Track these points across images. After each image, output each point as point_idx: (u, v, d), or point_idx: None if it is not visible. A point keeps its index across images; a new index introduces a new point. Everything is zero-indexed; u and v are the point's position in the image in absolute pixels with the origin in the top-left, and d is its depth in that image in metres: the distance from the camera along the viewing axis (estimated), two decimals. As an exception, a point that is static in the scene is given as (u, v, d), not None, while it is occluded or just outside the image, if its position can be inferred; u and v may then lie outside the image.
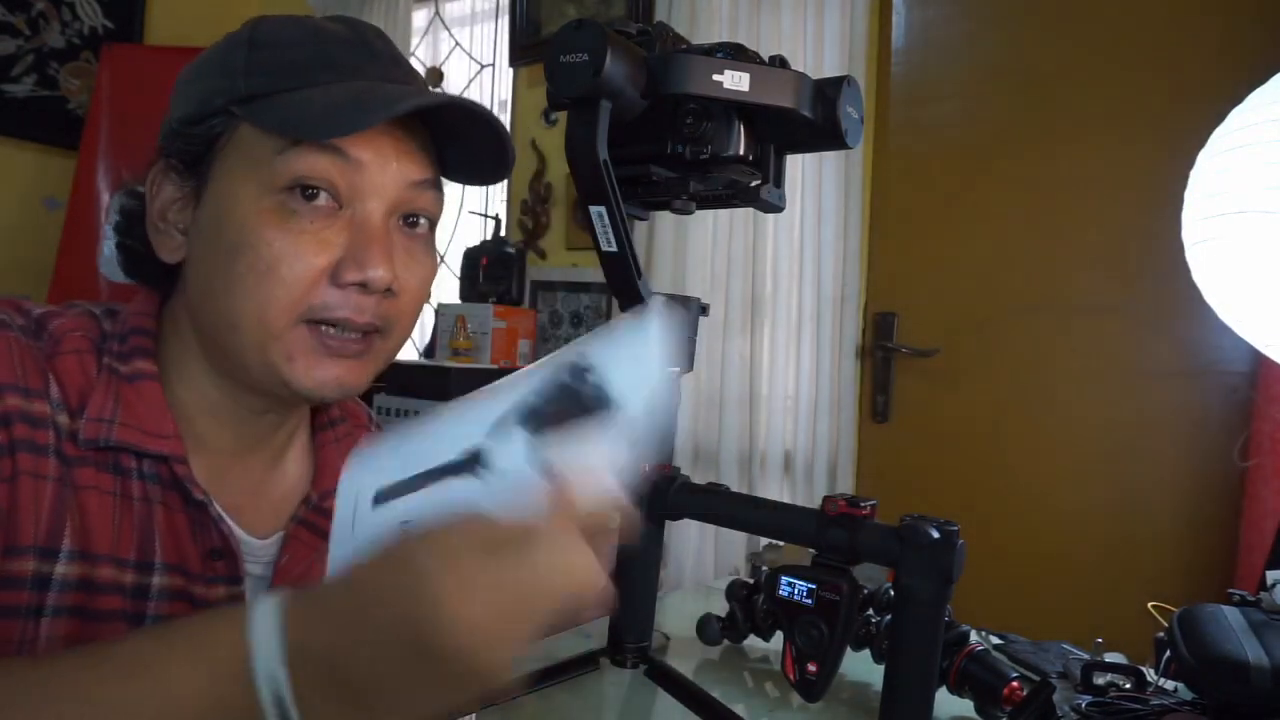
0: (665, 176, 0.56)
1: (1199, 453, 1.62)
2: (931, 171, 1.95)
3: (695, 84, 0.50)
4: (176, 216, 0.63)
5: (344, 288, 0.58)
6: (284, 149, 0.57)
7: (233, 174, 0.59)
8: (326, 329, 0.59)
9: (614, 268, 0.53)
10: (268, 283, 0.57)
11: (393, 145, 0.60)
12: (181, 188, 0.62)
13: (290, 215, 0.57)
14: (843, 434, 1.97)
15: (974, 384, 1.88)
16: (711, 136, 0.53)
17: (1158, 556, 1.65)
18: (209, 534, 0.62)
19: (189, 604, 0.61)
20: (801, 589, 0.49)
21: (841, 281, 1.96)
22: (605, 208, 0.51)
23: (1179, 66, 1.65)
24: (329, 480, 0.69)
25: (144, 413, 0.61)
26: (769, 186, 0.56)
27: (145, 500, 0.61)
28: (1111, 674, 0.64)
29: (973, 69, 1.91)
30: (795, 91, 0.52)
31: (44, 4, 2.70)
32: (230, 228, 0.58)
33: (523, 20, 2.57)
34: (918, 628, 0.44)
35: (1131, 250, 1.69)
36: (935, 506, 2.00)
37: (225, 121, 0.60)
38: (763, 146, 0.55)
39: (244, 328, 0.58)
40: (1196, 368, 1.64)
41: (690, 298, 0.55)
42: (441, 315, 2.43)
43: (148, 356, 0.63)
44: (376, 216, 0.60)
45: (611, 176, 0.50)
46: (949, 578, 0.44)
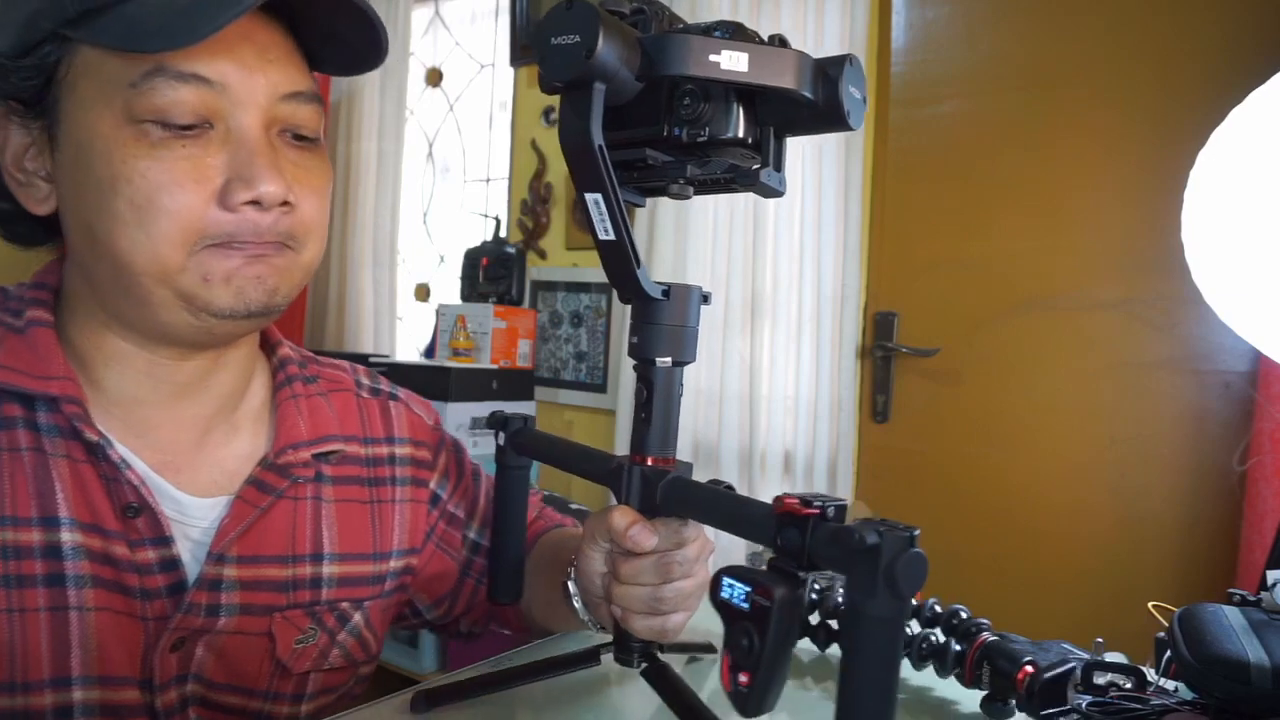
0: (662, 160, 0.54)
1: (1199, 452, 1.62)
2: (931, 171, 1.96)
3: (692, 65, 0.48)
4: (35, 164, 0.58)
5: (236, 210, 0.54)
6: (139, 80, 0.52)
7: (86, 105, 0.54)
8: (233, 243, 0.55)
9: (612, 256, 0.52)
10: (152, 215, 0.53)
11: (255, 53, 0.55)
12: (29, 130, 0.57)
13: (159, 141, 0.53)
14: (843, 434, 1.97)
15: (974, 384, 1.88)
16: (709, 119, 0.51)
17: (1158, 556, 1.65)
18: (120, 488, 0.57)
19: (112, 567, 0.57)
20: (739, 591, 0.45)
21: (841, 281, 1.96)
22: (601, 194, 0.49)
23: (1179, 66, 1.65)
24: (285, 438, 0.66)
25: (29, 356, 0.57)
26: (769, 170, 0.54)
27: (39, 451, 0.56)
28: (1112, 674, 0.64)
29: (973, 69, 1.91)
30: (796, 72, 0.50)
31: (44, 4, 2.69)
32: (98, 164, 0.53)
33: (523, 20, 2.57)
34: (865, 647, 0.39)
35: (1132, 250, 1.69)
36: (935, 506, 2.01)
37: (59, 48, 0.54)
38: (762, 129, 0.53)
39: (140, 266, 0.54)
40: (1197, 367, 1.64)
41: (691, 286, 0.54)
42: (441, 315, 2.43)
43: (42, 306, 0.60)
44: (254, 129, 0.55)
45: (607, 162, 0.48)
46: (897, 591, 0.38)
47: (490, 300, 2.40)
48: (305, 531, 0.67)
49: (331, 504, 0.69)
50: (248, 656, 0.63)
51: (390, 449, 0.75)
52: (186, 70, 0.53)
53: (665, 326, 0.53)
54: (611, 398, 2.34)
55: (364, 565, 0.70)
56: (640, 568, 0.56)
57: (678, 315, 0.54)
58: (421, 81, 2.96)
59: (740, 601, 0.44)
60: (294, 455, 0.66)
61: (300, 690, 0.67)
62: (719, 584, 0.45)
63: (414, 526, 0.75)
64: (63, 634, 0.56)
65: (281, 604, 0.64)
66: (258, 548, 0.64)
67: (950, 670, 0.67)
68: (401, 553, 0.74)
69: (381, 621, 0.73)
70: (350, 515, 0.70)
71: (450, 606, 0.80)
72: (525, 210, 2.59)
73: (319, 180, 0.60)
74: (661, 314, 0.53)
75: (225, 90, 0.54)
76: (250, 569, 0.63)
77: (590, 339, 2.43)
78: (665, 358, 0.54)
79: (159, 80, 0.52)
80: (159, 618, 0.59)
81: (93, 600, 0.57)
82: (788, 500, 0.45)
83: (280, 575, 0.65)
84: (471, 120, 2.89)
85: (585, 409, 2.42)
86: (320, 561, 0.67)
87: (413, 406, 0.80)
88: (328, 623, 0.68)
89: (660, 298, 0.53)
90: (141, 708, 0.58)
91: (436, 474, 0.78)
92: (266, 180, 0.54)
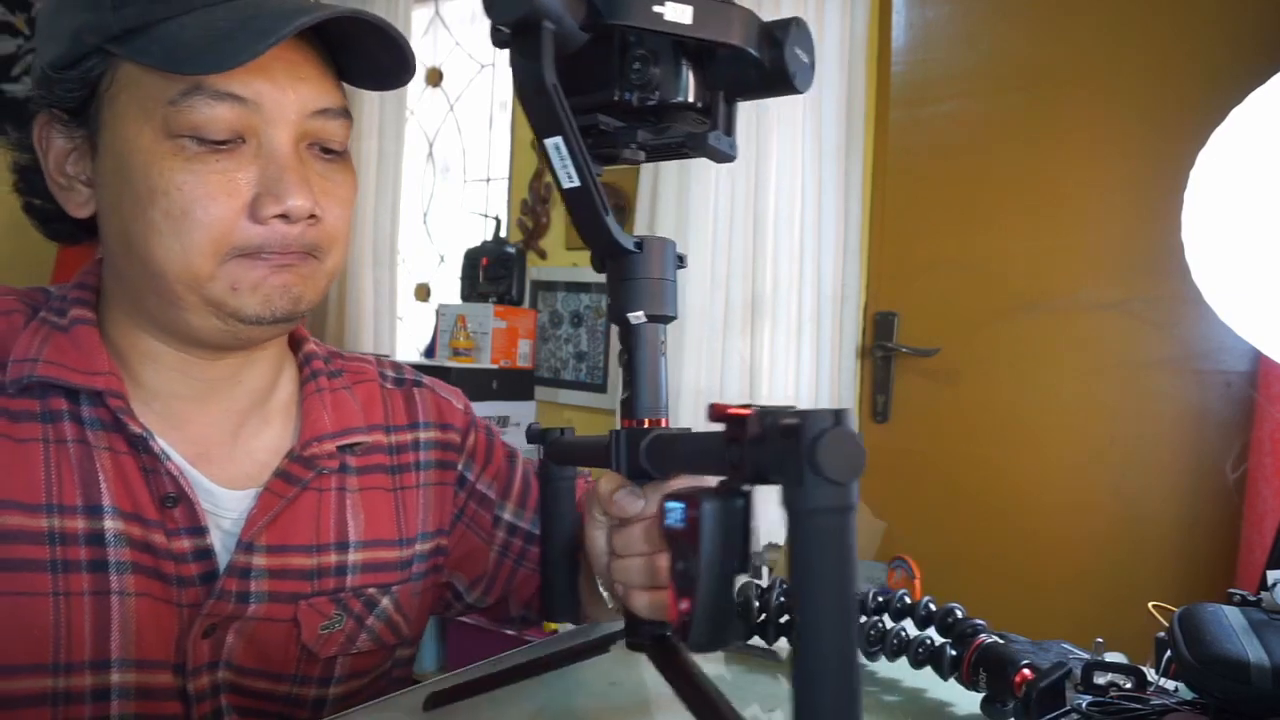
0: (614, 126, 0.53)
1: (1199, 452, 1.62)
2: (931, 171, 1.96)
3: (635, 14, 0.47)
4: (75, 169, 0.60)
5: (266, 222, 0.57)
6: (178, 98, 0.55)
7: (126, 118, 0.57)
8: (260, 253, 0.58)
9: (578, 204, 0.49)
10: (186, 226, 0.55)
11: (287, 71, 0.58)
12: (71, 138, 0.60)
13: (195, 155, 0.56)
14: (843, 434, 1.96)
15: (974, 384, 1.88)
16: (659, 82, 0.50)
17: (1158, 556, 1.65)
18: (159, 479, 0.60)
19: (150, 554, 0.60)
20: (678, 512, 0.41)
21: (841, 281, 1.96)
22: (561, 137, 0.47)
23: (1179, 66, 1.65)
24: (310, 430, 0.68)
25: (74, 353, 0.60)
26: (718, 133, 0.53)
27: (83, 443, 0.59)
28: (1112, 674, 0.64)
29: (973, 69, 1.91)
30: (742, 28, 0.49)
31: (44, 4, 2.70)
32: (136, 175, 0.56)
33: (523, 20, 2.57)
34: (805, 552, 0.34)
35: (1132, 250, 1.69)
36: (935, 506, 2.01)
37: (103, 62, 0.57)
38: (712, 93, 0.53)
39: (172, 274, 0.57)
40: (1197, 367, 1.64)
41: (666, 239, 0.53)
42: (441, 315, 2.43)
43: (84, 305, 0.62)
44: (284, 145, 0.58)
45: (564, 102, 0.47)
46: (823, 474, 0.33)
47: (490, 300, 2.40)
48: (330, 521, 0.69)
49: (356, 493, 0.71)
50: (275, 642, 0.65)
51: (414, 435, 0.77)
52: (223, 90, 0.55)
53: (640, 280, 0.52)
54: (611, 398, 2.34)
55: (389, 551, 0.72)
56: (632, 537, 0.54)
57: (653, 268, 0.52)
58: (421, 81, 2.95)
59: (678, 522, 0.42)
60: (318, 448, 0.68)
61: (328, 674, 0.69)
62: (665, 509, 0.43)
63: (440, 509, 0.77)
64: (104, 617, 0.58)
65: (307, 591, 0.66)
66: (285, 537, 0.66)
67: (949, 673, 0.67)
68: (428, 535, 0.75)
69: (415, 605, 0.75)
70: (375, 503, 0.72)
71: (488, 588, 0.81)
72: (525, 210, 2.59)
73: (344, 192, 0.63)
74: (636, 267, 0.51)
75: (259, 108, 0.57)
76: (278, 557, 0.65)
77: (590, 339, 2.43)
78: (640, 312, 0.52)
79: (196, 99, 0.55)
80: (192, 604, 0.61)
81: (133, 586, 0.59)
82: (719, 405, 0.42)
83: (306, 564, 0.67)
84: (471, 120, 2.89)
85: (585, 409, 2.42)
86: (345, 550, 0.69)
87: (438, 391, 0.81)
88: (354, 608, 0.69)
89: (633, 249, 0.51)
90: (174, 691, 0.61)
91: (464, 456, 0.80)
92: (295, 195, 0.57)
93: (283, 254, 0.58)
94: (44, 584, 0.57)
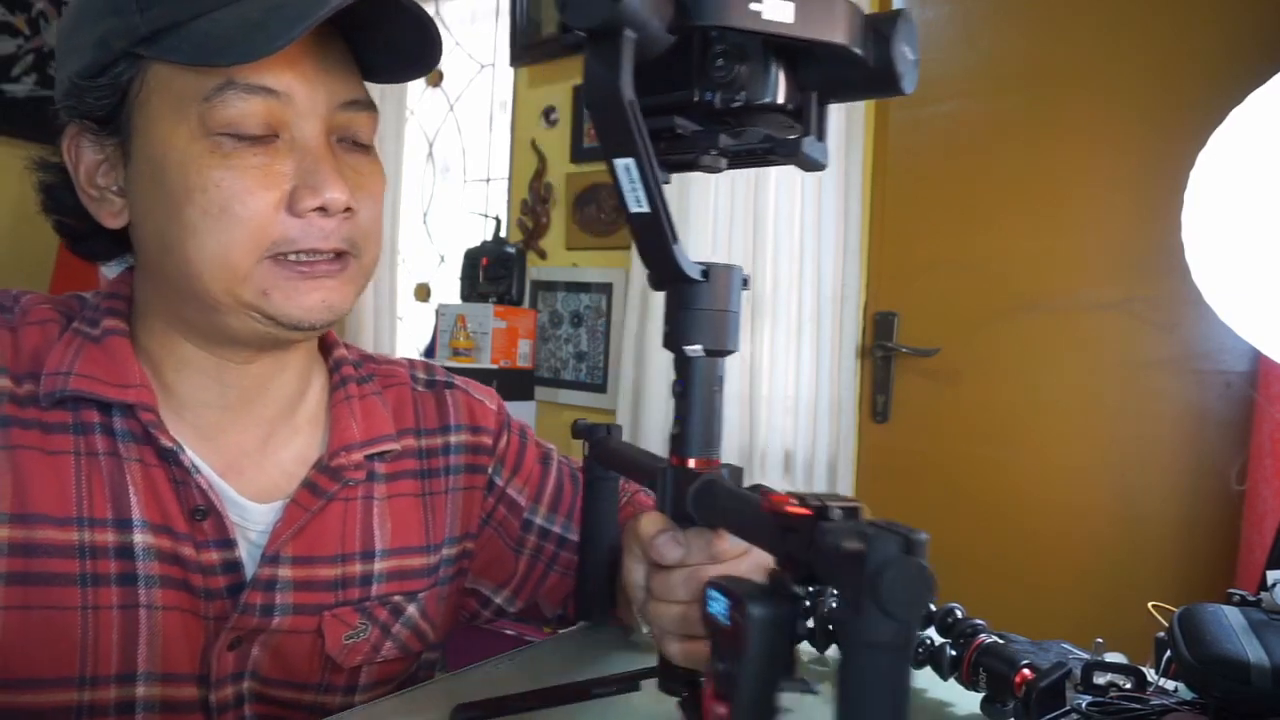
0: (691, 129, 0.48)
1: (1199, 453, 1.62)
2: (932, 171, 1.95)
3: (731, 14, 0.42)
4: (107, 179, 0.60)
5: (303, 216, 0.56)
6: (211, 94, 0.54)
7: (159, 120, 0.56)
8: (296, 257, 0.57)
9: (645, 231, 0.45)
10: (224, 224, 0.55)
11: (315, 64, 0.57)
12: (102, 148, 0.59)
13: (231, 152, 0.55)
14: (843, 434, 1.96)
15: (974, 384, 1.88)
16: (746, 81, 0.45)
17: (1158, 556, 1.65)
18: (190, 491, 0.60)
19: (180, 567, 0.59)
20: (721, 605, 0.38)
21: (841, 281, 1.96)
22: (634, 159, 0.43)
23: (1180, 66, 1.65)
24: (338, 440, 0.67)
25: (106, 365, 0.59)
26: (811, 139, 0.48)
27: (114, 455, 0.59)
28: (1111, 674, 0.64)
29: (973, 69, 1.91)
30: (847, 25, 0.44)
31: (44, 4, 2.70)
32: (172, 175, 0.56)
33: (523, 20, 2.57)
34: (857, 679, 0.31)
35: (1132, 250, 1.69)
36: (935, 506, 2.00)
37: (132, 67, 0.56)
38: (804, 93, 0.47)
39: (210, 274, 0.56)
40: (1196, 367, 1.64)
41: (732, 266, 0.48)
42: (441, 315, 2.43)
43: (117, 316, 0.62)
44: (316, 138, 0.58)
45: (640, 121, 0.42)
46: (885, 609, 0.30)
47: (490, 300, 2.40)
48: (355, 530, 0.68)
49: (384, 501, 0.70)
50: (299, 653, 0.65)
51: (445, 439, 0.76)
52: (255, 83, 0.55)
53: (703, 311, 0.47)
54: (611, 398, 2.34)
55: (417, 558, 0.71)
56: (670, 583, 0.51)
57: (718, 299, 0.48)
58: (421, 81, 2.95)
59: (723, 617, 0.38)
60: (346, 458, 0.67)
61: (353, 682, 0.68)
62: (707, 595, 0.39)
63: (468, 513, 0.76)
64: (132, 631, 0.58)
65: (330, 602, 0.66)
66: (311, 548, 0.65)
67: (949, 674, 0.67)
68: (454, 540, 0.75)
69: (441, 611, 0.74)
70: (403, 510, 0.71)
71: (517, 592, 0.80)
72: (525, 210, 2.59)
73: (376, 185, 0.62)
74: (698, 297, 0.47)
75: (291, 101, 0.56)
76: (304, 569, 0.64)
77: (590, 339, 2.43)
78: (698, 346, 0.48)
79: (230, 93, 0.55)
80: (219, 617, 0.61)
81: (161, 599, 0.59)
82: (775, 498, 0.37)
83: (331, 574, 0.66)
84: (471, 120, 2.89)
85: (585, 409, 2.42)
86: (371, 559, 0.68)
87: (471, 393, 0.80)
88: (380, 617, 0.69)
89: (699, 279, 0.47)
90: (196, 703, 0.60)
91: (495, 460, 0.78)
92: (331, 187, 0.56)
93: (317, 261, 0.58)
94: (73, 598, 0.56)
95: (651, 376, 2.05)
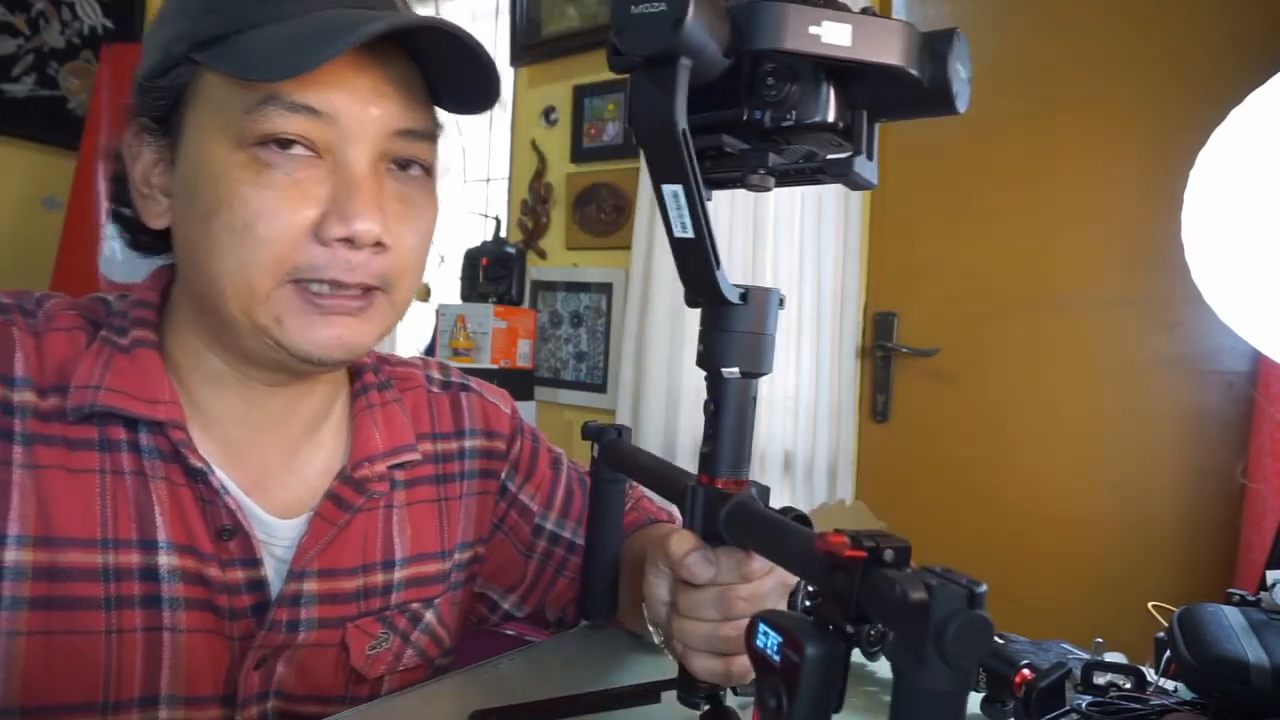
0: (739, 148, 0.48)
1: (1199, 452, 1.62)
2: (931, 171, 1.95)
3: (789, 38, 0.41)
4: (159, 180, 0.59)
5: (329, 245, 0.54)
6: (253, 107, 0.53)
7: (201, 128, 0.55)
8: (318, 287, 0.55)
9: (689, 255, 0.45)
10: (246, 242, 0.53)
11: (369, 86, 0.55)
12: (158, 148, 0.58)
13: (265, 168, 0.53)
14: (843, 434, 1.96)
15: (974, 384, 1.88)
16: (796, 100, 0.44)
17: (1158, 556, 1.65)
18: (217, 511, 0.58)
19: (205, 587, 0.58)
20: (773, 642, 0.38)
21: (841, 282, 1.96)
22: (683, 186, 0.43)
23: (1180, 66, 1.65)
24: (360, 450, 0.66)
25: (136, 379, 0.58)
26: (861, 159, 0.47)
27: (140, 474, 0.57)
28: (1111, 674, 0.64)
29: (973, 68, 1.91)
30: (904, 46, 0.43)
31: (44, 4, 2.70)
32: (204, 185, 0.54)
33: (523, 20, 2.57)
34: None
35: (1132, 250, 1.69)
36: (935, 506, 2.00)
37: (189, 71, 0.55)
38: (854, 112, 0.47)
39: (228, 291, 0.54)
40: (1197, 367, 1.64)
41: (770, 289, 0.48)
42: (441, 315, 2.43)
43: (146, 326, 0.60)
44: (361, 164, 0.55)
45: (691, 150, 0.42)
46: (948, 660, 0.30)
47: (490, 300, 2.40)
48: (376, 540, 0.67)
49: (403, 509, 0.69)
50: (324, 667, 0.64)
51: (460, 443, 0.75)
52: (298, 101, 0.53)
53: (740, 334, 0.48)
54: (611, 398, 2.33)
55: (432, 564, 0.71)
56: (699, 601, 0.51)
57: (755, 321, 0.48)
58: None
59: (773, 653, 0.38)
60: (369, 469, 0.66)
61: (375, 692, 0.68)
62: (755, 629, 0.40)
63: (480, 518, 0.76)
64: (155, 654, 0.57)
65: (353, 613, 0.65)
66: (335, 561, 0.64)
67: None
68: (467, 545, 0.74)
69: (454, 615, 0.74)
70: (420, 517, 0.70)
71: (526, 597, 0.80)
72: (525, 210, 2.58)
73: (423, 219, 0.59)
74: (736, 320, 0.47)
75: (336, 122, 0.54)
76: (328, 582, 0.64)
77: (590, 339, 2.43)
78: (734, 368, 0.48)
79: (270, 109, 0.53)
80: (244, 637, 0.60)
81: (185, 622, 0.58)
82: (832, 538, 0.37)
83: (353, 585, 0.65)
84: (471, 120, 2.88)
85: (585, 409, 2.42)
86: (391, 568, 0.68)
87: (486, 396, 0.79)
88: (399, 625, 0.68)
89: (737, 302, 0.47)
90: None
91: (508, 465, 0.78)
92: (363, 218, 0.53)
93: (339, 296, 0.55)
94: (97, 622, 0.55)
95: (651, 377, 2.05)
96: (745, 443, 0.50)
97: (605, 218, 2.36)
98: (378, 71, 0.55)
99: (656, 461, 0.60)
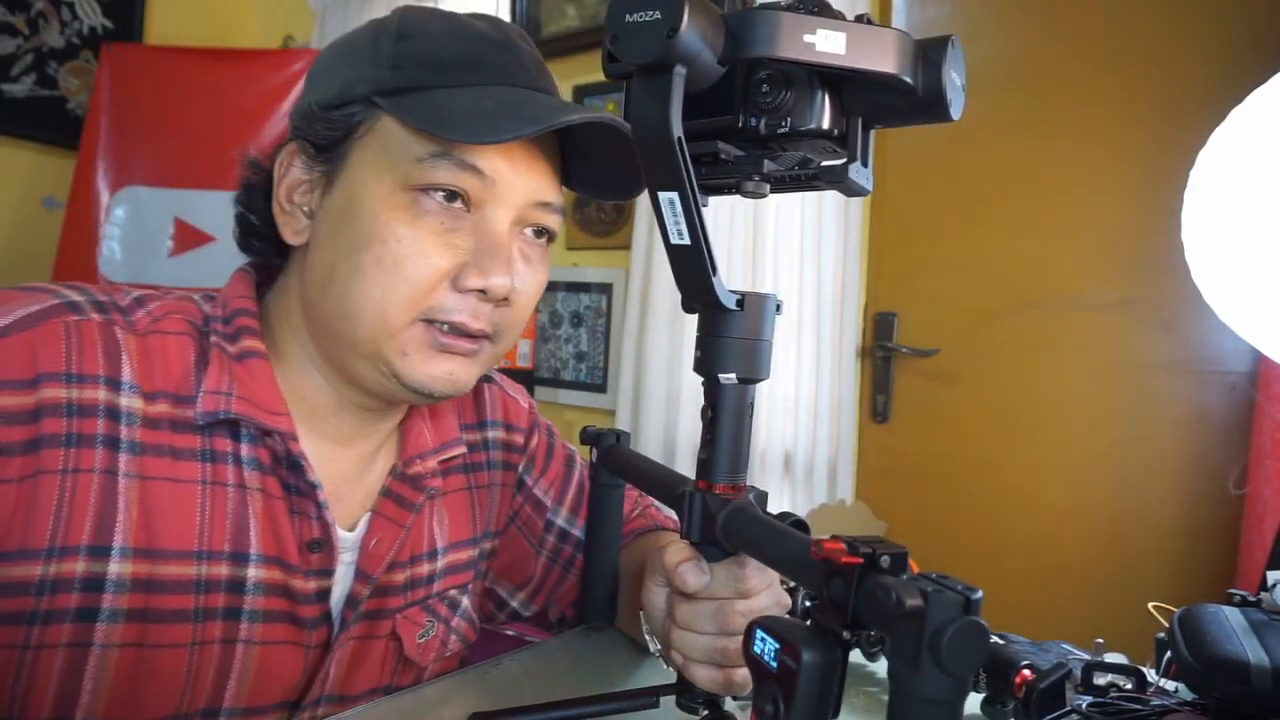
0: (734, 155, 0.48)
1: (1200, 453, 1.62)
2: (931, 171, 1.95)
3: (784, 45, 0.41)
4: (303, 199, 0.62)
5: (464, 292, 0.58)
6: (425, 158, 0.57)
7: (369, 165, 0.59)
8: (441, 326, 0.59)
9: (685, 262, 0.46)
10: (392, 278, 0.57)
11: (527, 159, 0.60)
12: (310, 171, 0.61)
13: (423, 213, 0.57)
14: (843, 434, 1.96)
15: (974, 384, 1.88)
16: (791, 107, 0.45)
17: (1158, 556, 1.65)
18: (309, 524, 0.60)
19: (288, 599, 0.60)
20: (770, 647, 0.38)
21: (841, 282, 1.96)
22: (679, 193, 0.43)
23: (1180, 67, 1.65)
24: (412, 447, 0.69)
25: (257, 389, 0.59)
26: (856, 165, 0.47)
27: (240, 486, 0.59)
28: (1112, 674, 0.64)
29: (973, 69, 1.90)
30: (898, 54, 0.43)
31: (43, 3, 2.70)
32: (361, 218, 0.58)
33: (523, 20, 2.57)
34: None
35: (1132, 250, 1.69)
36: (935, 506, 2.00)
37: (366, 110, 0.59)
38: (849, 119, 0.47)
39: (363, 319, 0.58)
40: (1197, 367, 1.64)
41: (766, 294, 0.49)
42: (441, 315, 2.43)
43: (255, 336, 0.62)
44: (503, 225, 0.60)
45: (686, 157, 0.43)
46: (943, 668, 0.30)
47: (490, 300, 2.40)
48: (423, 533, 0.70)
49: (442, 497, 0.72)
50: (374, 660, 0.66)
51: (483, 434, 0.78)
52: (470, 160, 0.57)
53: (736, 340, 0.48)
54: (611, 398, 2.33)
55: (466, 551, 0.73)
56: (696, 613, 0.52)
57: (751, 327, 0.48)
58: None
59: (770, 659, 0.38)
60: (421, 465, 0.68)
61: (418, 680, 0.70)
62: (752, 635, 0.40)
63: (500, 510, 0.78)
64: (227, 665, 0.58)
65: (400, 605, 0.67)
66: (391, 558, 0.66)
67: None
68: (489, 535, 0.76)
69: (477, 603, 0.76)
70: (455, 505, 0.73)
71: (534, 594, 0.81)
72: (525, 210, 2.59)
73: (538, 280, 0.64)
74: (733, 326, 0.48)
75: (494, 185, 0.59)
76: (384, 575, 0.66)
77: (590, 339, 2.43)
78: (731, 374, 0.48)
79: (444, 162, 0.57)
80: (319, 645, 0.62)
81: (261, 634, 0.59)
82: (828, 545, 0.38)
83: (402, 578, 0.68)
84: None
85: (585, 409, 2.42)
86: (435, 557, 0.70)
87: (506, 389, 0.82)
88: (441, 612, 0.70)
89: (734, 308, 0.48)
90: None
91: (525, 458, 0.80)
92: (499, 274, 0.58)
93: (460, 338, 0.59)
94: (185, 635, 0.56)
95: (651, 377, 2.05)
96: (743, 448, 0.50)
97: (605, 218, 2.36)
98: (535, 147, 0.61)
99: (655, 466, 0.60)
